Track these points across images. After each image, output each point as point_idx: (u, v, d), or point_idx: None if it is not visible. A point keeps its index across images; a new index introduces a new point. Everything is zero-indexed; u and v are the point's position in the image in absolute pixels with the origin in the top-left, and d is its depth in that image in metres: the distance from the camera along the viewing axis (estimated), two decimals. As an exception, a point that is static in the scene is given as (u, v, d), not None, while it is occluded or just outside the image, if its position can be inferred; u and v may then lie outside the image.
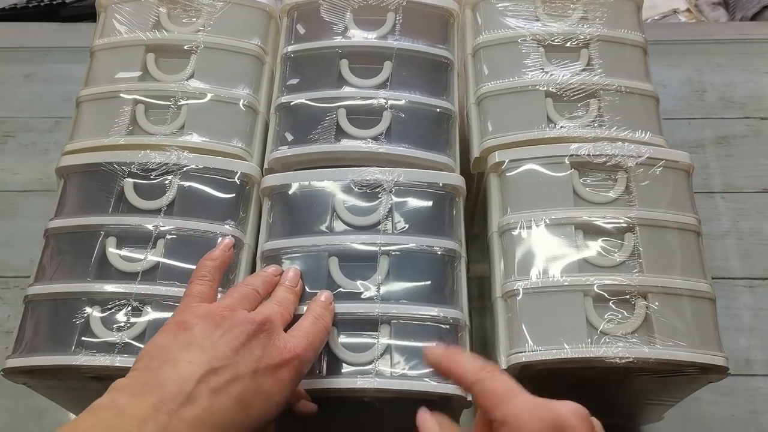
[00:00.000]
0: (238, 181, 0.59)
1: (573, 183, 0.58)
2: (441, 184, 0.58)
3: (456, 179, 0.59)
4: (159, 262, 0.55)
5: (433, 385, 0.51)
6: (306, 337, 0.48)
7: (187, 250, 0.56)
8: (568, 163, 0.58)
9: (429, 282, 0.55)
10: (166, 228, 0.56)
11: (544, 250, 0.56)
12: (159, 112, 0.63)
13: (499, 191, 0.60)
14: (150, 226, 0.57)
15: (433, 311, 0.53)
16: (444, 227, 0.58)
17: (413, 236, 0.56)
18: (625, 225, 0.56)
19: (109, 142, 0.61)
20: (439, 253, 0.56)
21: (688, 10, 1.39)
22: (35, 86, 0.93)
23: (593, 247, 0.56)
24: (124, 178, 0.58)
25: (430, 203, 0.58)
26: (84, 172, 0.60)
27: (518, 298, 0.54)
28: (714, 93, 0.91)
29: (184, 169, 0.59)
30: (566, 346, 0.52)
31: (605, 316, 0.53)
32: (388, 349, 0.52)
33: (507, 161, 0.59)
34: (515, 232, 0.57)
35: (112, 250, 0.56)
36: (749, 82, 0.92)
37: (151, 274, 0.55)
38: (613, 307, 0.53)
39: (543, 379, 0.53)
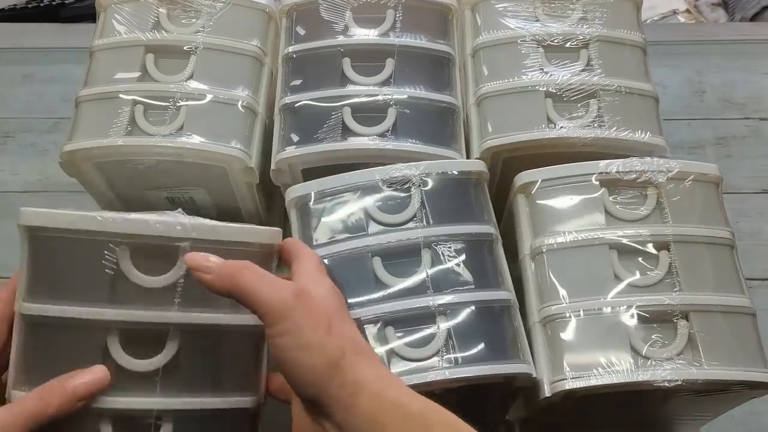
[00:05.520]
0: None
1: (604, 202, 0.57)
2: (467, 171, 0.58)
3: (479, 165, 0.59)
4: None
5: (499, 366, 0.51)
6: None
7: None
8: (597, 182, 0.58)
9: (474, 267, 0.55)
10: None
11: (579, 271, 0.55)
12: (158, 112, 0.62)
13: (528, 214, 0.59)
14: None
15: (483, 295, 0.53)
16: (475, 213, 0.58)
17: (450, 225, 0.56)
18: (659, 242, 0.55)
19: (107, 143, 0.61)
20: (478, 237, 0.56)
21: (687, 10, 1.39)
22: (35, 87, 0.93)
23: (629, 267, 0.55)
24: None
25: (459, 191, 0.58)
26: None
27: (557, 322, 0.54)
28: (713, 93, 0.91)
29: None
30: (610, 370, 0.51)
31: (651, 337, 0.52)
32: (449, 339, 0.52)
33: (539, 181, 0.59)
34: (548, 256, 0.56)
35: None
36: (749, 82, 0.92)
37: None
38: (656, 327, 0.53)
39: (585, 398, 0.53)
